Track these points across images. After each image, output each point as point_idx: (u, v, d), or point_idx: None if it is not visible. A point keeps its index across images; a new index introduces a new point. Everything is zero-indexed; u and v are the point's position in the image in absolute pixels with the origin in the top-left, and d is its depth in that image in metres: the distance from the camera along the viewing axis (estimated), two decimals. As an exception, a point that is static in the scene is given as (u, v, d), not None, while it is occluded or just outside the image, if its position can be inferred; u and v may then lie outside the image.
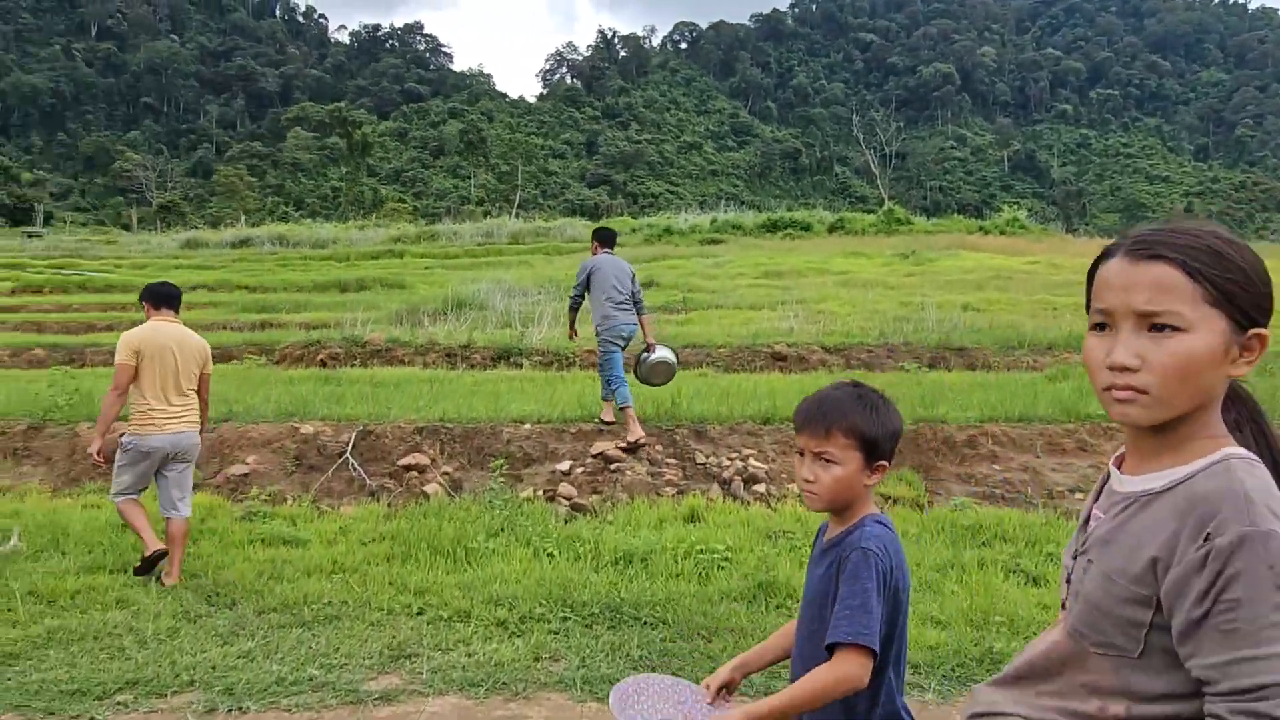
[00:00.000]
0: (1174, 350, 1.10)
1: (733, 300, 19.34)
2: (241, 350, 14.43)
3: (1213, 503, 1.07)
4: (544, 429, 6.57)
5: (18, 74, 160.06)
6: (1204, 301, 1.10)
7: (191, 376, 5.15)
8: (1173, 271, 1.11)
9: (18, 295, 24.40)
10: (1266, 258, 1.23)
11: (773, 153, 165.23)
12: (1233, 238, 1.15)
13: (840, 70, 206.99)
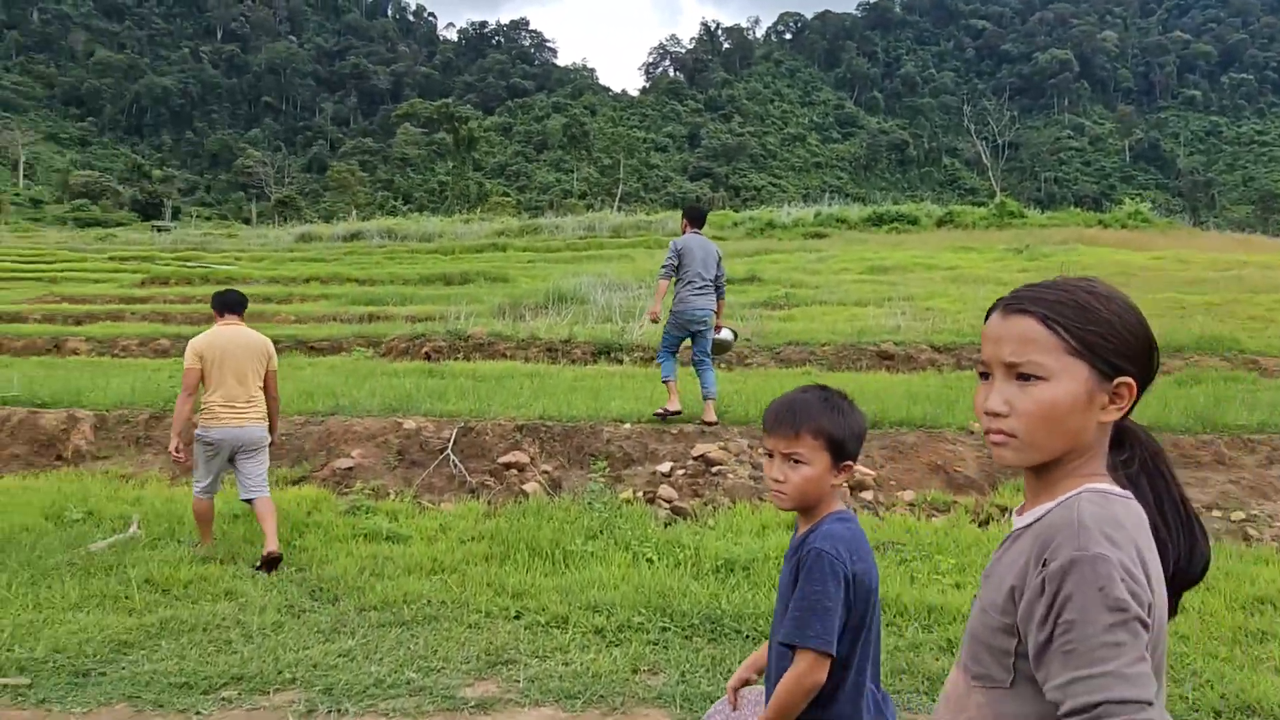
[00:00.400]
0: (1036, 398, 1.19)
1: (837, 296, 18.89)
2: (350, 342, 14.81)
3: (1053, 531, 1.14)
4: (644, 429, 6.46)
5: (150, 76, 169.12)
6: (1064, 352, 1.18)
7: (255, 374, 5.45)
8: (1034, 325, 1.20)
9: (147, 286, 25.67)
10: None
11: (879, 144, 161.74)
12: (1105, 291, 1.23)
13: (950, 59, 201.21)
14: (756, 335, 13.57)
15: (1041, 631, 1.11)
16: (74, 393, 7.97)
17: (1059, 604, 1.09)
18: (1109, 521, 1.13)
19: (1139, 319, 1.22)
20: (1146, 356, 1.22)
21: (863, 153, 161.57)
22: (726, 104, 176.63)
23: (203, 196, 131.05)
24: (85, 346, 15.17)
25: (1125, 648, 1.06)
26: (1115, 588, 1.07)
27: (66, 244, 43.70)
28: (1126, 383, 1.20)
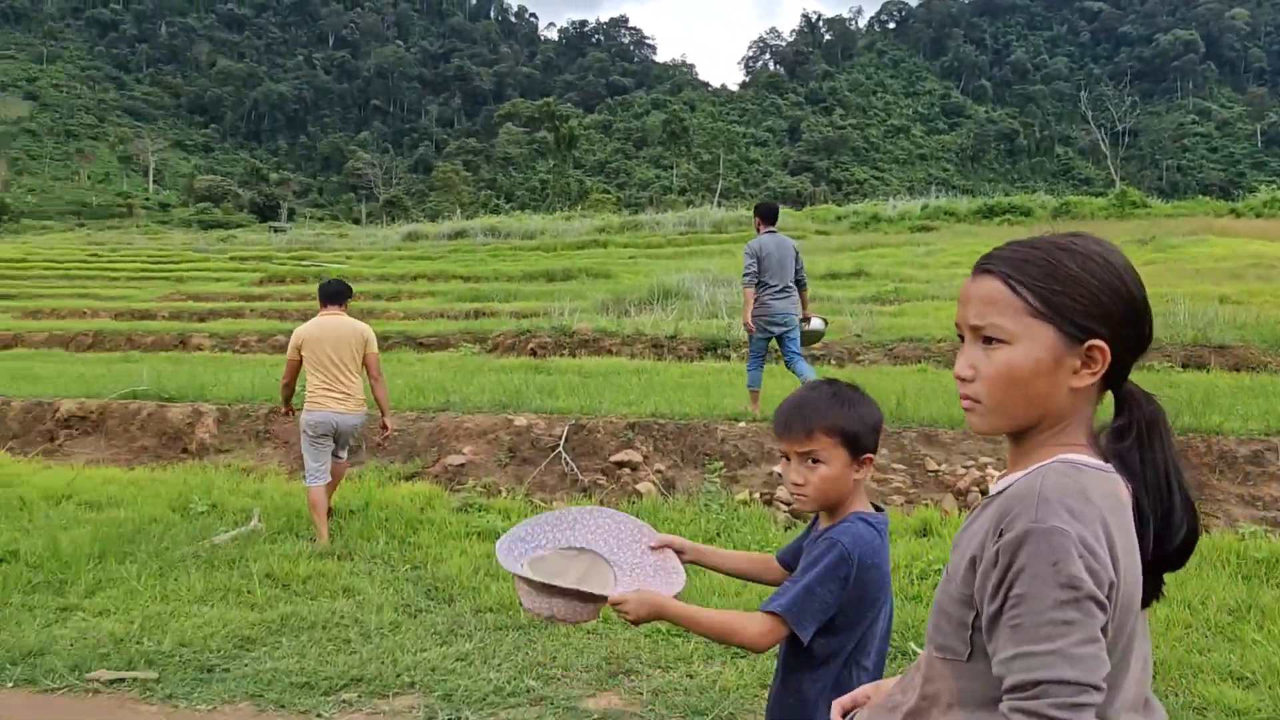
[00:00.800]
0: (997, 361, 1.13)
1: (949, 291, 18.21)
2: (457, 338, 14.99)
3: (1014, 501, 1.08)
4: (759, 428, 6.23)
5: (268, 84, 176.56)
6: (1026, 314, 1.11)
7: (353, 359, 5.64)
8: (997, 284, 1.15)
9: (264, 285, 26.68)
10: None
11: (987, 134, 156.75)
12: (1081, 247, 1.13)
13: (1064, 43, 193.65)
14: (867, 331, 13.16)
15: (992, 603, 1.06)
16: (198, 387, 8.21)
17: (1010, 576, 1.04)
18: (1074, 494, 1.06)
19: (1118, 276, 1.12)
20: (1124, 317, 1.12)
21: (970, 143, 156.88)
22: (828, 96, 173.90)
23: (315, 198, 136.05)
24: (209, 342, 15.78)
25: (1075, 626, 1.00)
26: (1070, 563, 1.01)
27: (191, 245, 45.92)
28: (1098, 346, 1.11)
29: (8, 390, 8.66)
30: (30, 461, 7.06)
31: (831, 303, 17.77)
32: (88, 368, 11.73)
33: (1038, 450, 1.14)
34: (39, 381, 9.37)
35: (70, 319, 20.10)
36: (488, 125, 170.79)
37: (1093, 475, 1.10)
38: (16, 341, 16.98)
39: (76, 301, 22.75)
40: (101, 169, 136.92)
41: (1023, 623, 1.01)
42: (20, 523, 5.36)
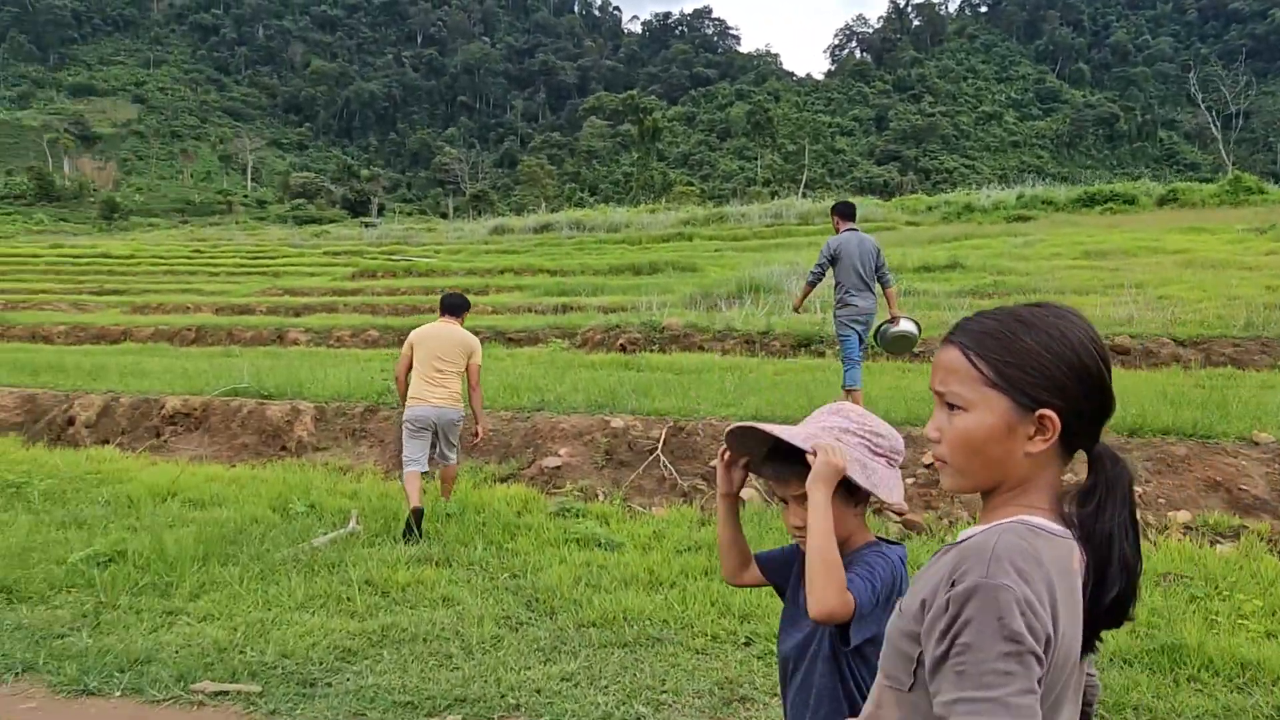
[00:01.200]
0: (957, 426, 1.20)
1: (1052, 284, 17.43)
2: (546, 334, 14.96)
3: (969, 554, 1.14)
4: (867, 432, 5.93)
5: (359, 82, 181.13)
6: (981, 383, 1.18)
7: (454, 364, 6.02)
8: (956, 354, 1.22)
9: (357, 279, 27.22)
10: None
11: (1084, 119, 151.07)
12: (1039, 320, 1.19)
13: (1168, 22, 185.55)
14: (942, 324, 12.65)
15: (938, 647, 1.11)
16: (296, 384, 8.29)
17: (958, 625, 1.09)
18: (1024, 555, 1.12)
19: (1072, 349, 1.18)
20: (1078, 388, 1.16)
21: (1066, 129, 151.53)
22: (916, 84, 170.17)
23: (404, 193, 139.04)
24: (304, 337, 16.11)
25: (1014, 677, 1.06)
26: (1013, 620, 1.07)
27: (287, 240, 47.31)
28: (1048, 415, 1.16)
29: (118, 386, 8.90)
30: (138, 457, 7.20)
31: (927, 297, 17.18)
32: (191, 363, 12.04)
33: (1000, 509, 1.20)
34: (146, 377, 9.61)
35: (174, 314, 20.83)
36: (572, 119, 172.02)
37: (1045, 539, 1.15)
38: (125, 336, 17.63)
39: (180, 296, 23.57)
40: (203, 168, 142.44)
41: (967, 670, 1.07)
42: (128, 520, 5.43)
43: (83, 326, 18.43)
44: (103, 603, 4.14)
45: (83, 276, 30.79)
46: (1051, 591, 1.09)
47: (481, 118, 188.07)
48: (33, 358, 12.73)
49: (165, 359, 13.55)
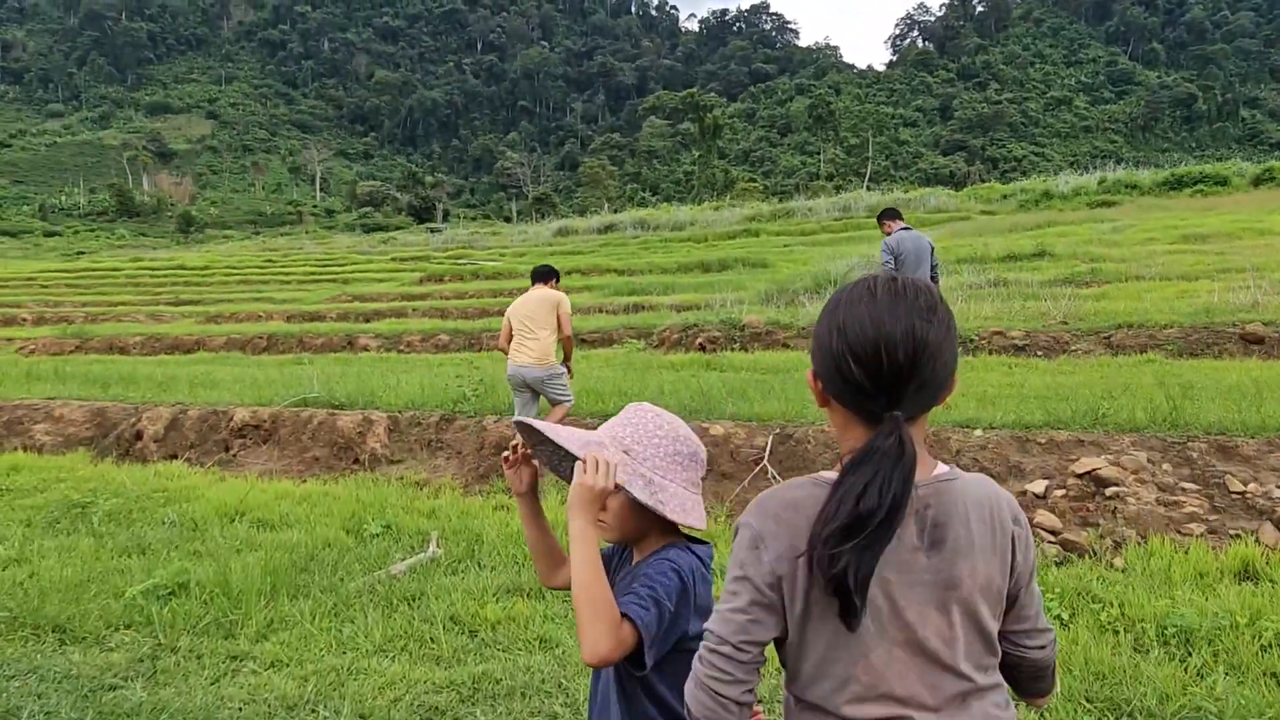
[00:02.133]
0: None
1: (1154, 270, 16.33)
2: (620, 334, 14.43)
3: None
4: (1001, 436, 5.20)
5: (421, 91, 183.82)
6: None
7: (544, 319, 6.63)
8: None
9: (424, 284, 27.11)
10: None
11: (1159, 101, 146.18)
12: (835, 296, 1.31)
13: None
14: (1072, 318, 11.74)
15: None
16: (368, 393, 7.87)
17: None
18: (777, 498, 1.27)
19: (824, 325, 1.29)
20: (822, 359, 1.27)
21: (1140, 112, 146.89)
22: (981, 71, 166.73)
23: (468, 199, 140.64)
24: (374, 343, 15.85)
25: (733, 597, 1.24)
26: (740, 551, 1.25)
27: (355, 248, 47.82)
28: (809, 376, 1.34)
29: (187, 397, 8.61)
30: (207, 473, 6.83)
31: (1019, 287, 16.25)
32: (262, 371, 11.79)
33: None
34: (216, 387, 9.32)
35: (247, 322, 20.85)
36: (631, 120, 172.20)
37: (801, 487, 1.28)
38: (199, 346, 17.61)
39: (253, 305, 23.67)
40: (274, 180, 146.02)
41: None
42: (193, 545, 5.01)
43: (158, 337, 18.49)
44: (161, 644, 3.69)
45: (160, 288, 31.33)
46: (794, 531, 1.22)
47: (542, 121, 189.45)
48: (106, 369, 12.63)
49: (237, 368, 13.37)
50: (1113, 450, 4.78)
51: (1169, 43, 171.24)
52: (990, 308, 13.32)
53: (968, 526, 1.24)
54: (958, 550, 1.23)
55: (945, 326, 1.23)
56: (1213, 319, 10.46)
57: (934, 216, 36.07)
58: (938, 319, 1.22)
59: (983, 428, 5.36)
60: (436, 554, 4.78)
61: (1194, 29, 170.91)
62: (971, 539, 1.24)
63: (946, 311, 1.25)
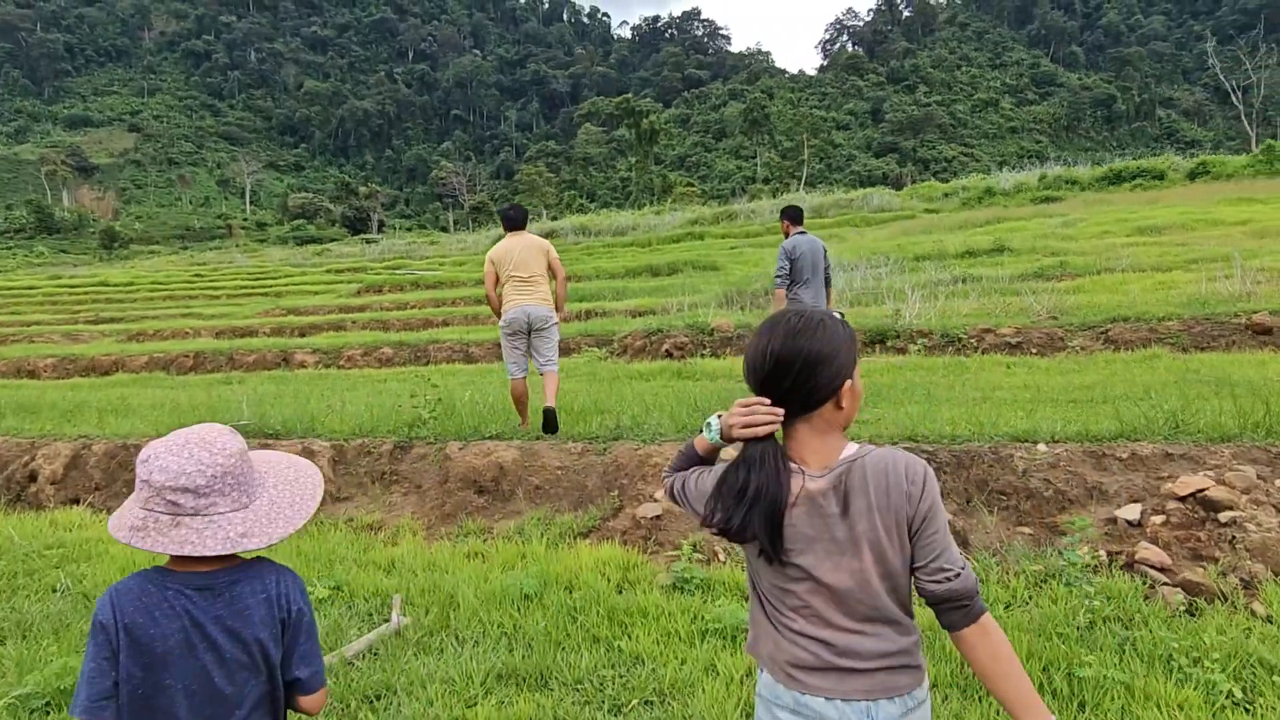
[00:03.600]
0: None
1: (1123, 262, 15.94)
2: (578, 342, 13.49)
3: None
4: (1072, 451, 4.41)
5: (352, 101, 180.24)
6: None
7: (536, 263, 6.60)
8: None
9: (362, 295, 25.81)
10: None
11: (1081, 102, 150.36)
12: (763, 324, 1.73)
13: (1159, 1, 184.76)
14: (1058, 312, 11.14)
15: None
16: (307, 418, 6.78)
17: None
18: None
19: (752, 344, 1.68)
20: (747, 369, 1.69)
21: (1064, 112, 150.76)
22: (910, 74, 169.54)
23: (403, 209, 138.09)
24: (312, 359, 14.66)
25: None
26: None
27: (288, 260, 46.01)
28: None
29: (95, 428, 7.43)
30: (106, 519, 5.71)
31: (990, 283, 15.75)
32: (186, 394, 10.59)
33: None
34: (130, 415, 8.14)
35: (173, 340, 19.43)
36: (566, 127, 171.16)
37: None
38: (117, 367, 16.21)
39: (179, 321, 22.17)
40: (202, 193, 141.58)
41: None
42: (87, 626, 3.96)
43: (73, 358, 17.00)
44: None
45: (79, 306, 29.43)
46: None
47: (476, 130, 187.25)
48: (13, 395, 11.31)
49: (158, 390, 12.12)
50: (1211, 465, 4.01)
51: (1087, 45, 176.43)
52: (967, 305, 12.71)
53: (867, 492, 1.56)
54: (860, 511, 1.56)
55: (812, 349, 1.59)
56: (1212, 310, 9.91)
57: (878, 216, 36.00)
58: (801, 342, 1.59)
59: (1045, 441, 4.54)
60: (402, 623, 3.79)
61: (1110, 32, 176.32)
62: (871, 501, 1.56)
63: (827, 337, 1.60)
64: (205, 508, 1.58)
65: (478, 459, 5.33)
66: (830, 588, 1.55)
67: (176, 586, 1.59)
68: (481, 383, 9.97)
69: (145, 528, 1.55)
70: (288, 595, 1.68)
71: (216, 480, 1.59)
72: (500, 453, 5.30)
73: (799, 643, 1.57)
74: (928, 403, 6.30)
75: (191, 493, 1.57)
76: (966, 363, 9.26)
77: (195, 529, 1.55)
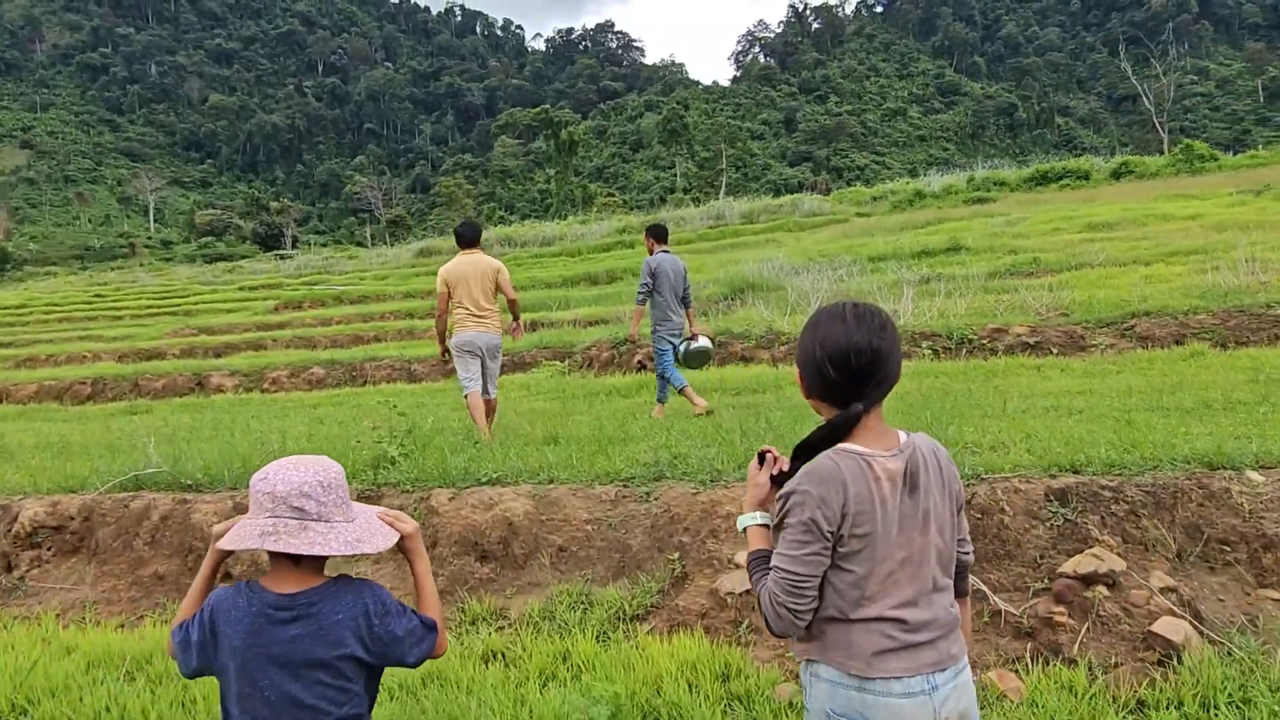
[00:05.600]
0: None
1: (1098, 258, 15.26)
2: (534, 356, 12.14)
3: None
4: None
5: (260, 115, 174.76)
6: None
7: (489, 290, 6.72)
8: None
9: (281, 312, 23.94)
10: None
11: (984, 110, 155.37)
12: (814, 317, 1.77)
13: (1054, 14, 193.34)
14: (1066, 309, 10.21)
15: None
16: (236, 460, 5.25)
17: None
18: (816, 468, 1.67)
19: (810, 337, 1.73)
20: (804, 362, 1.73)
21: (968, 121, 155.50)
22: (821, 85, 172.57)
23: (316, 225, 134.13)
24: (230, 382, 12.95)
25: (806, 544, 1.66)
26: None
27: (197, 278, 43.37)
28: (798, 376, 1.78)
29: (-43, 480, 5.80)
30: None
31: (959, 281, 14.90)
32: (80, 429, 8.92)
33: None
34: (3, 460, 6.54)
35: (68, 365, 17.36)
36: (482, 140, 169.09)
37: (844, 456, 1.69)
38: (1, 397, 14.22)
39: (76, 345, 19.99)
40: (101, 211, 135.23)
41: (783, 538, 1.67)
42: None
43: (-57, 392, 14.88)
44: None
45: (-42, 333, 26.74)
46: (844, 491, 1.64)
47: (390, 144, 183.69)
48: None
49: (47, 424, 10.37)
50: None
51: (989, 56, 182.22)
52: (959, 304, 11.75)
53: (928, 472, 1.70)
54: (928, 489, 1.69)
55: (893, 340, 1.69)
56: (1238, 302, 9.10)
57: (810, 220, 35.67)
58: (887, 336, 1.67)
59: (1254, 467, 3.44)
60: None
61: (1010, 43, 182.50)
62: (930, 481, 1.70)
63: (893, 328, 1.70)
64: (326, 514, 1.73)
65: (478, 513, 3.95)
66: (902, 564, 1.65)
67: (259, 605, 1.71)
68: (435, 404, 8.60)
69: (276, 532, 1.68)
70: (366, 614, 1.75)
71: (330, 492, 1.75)
72: (508, 503, 3.94)
73: (874, 628, 1.62)
74: (1002, 417, 5.20)
75: (313, 499, 1.72)
76: (988, 366, 8.27)
77: (320, 532, 1.69)
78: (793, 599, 1.61)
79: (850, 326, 1.66)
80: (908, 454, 1.66)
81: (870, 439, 1.66)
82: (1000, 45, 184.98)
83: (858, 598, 1.62)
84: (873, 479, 1.62)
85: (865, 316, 1.67)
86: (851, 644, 1.62)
